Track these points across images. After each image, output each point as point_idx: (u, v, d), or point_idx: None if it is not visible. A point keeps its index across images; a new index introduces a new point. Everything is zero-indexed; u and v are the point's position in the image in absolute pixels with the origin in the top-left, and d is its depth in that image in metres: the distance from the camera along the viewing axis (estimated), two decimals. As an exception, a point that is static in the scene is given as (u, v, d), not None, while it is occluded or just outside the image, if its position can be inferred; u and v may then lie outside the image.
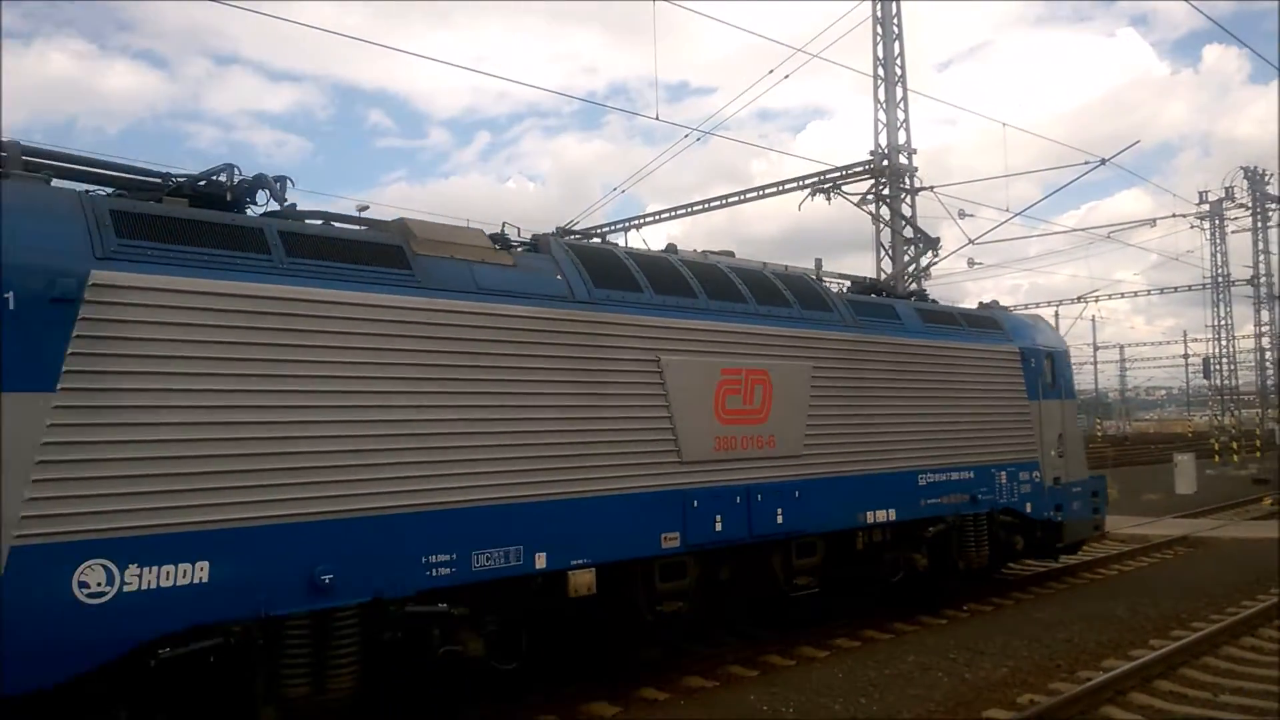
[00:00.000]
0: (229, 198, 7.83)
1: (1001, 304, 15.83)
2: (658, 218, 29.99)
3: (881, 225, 24.26)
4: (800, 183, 25.75)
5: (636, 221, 29.89)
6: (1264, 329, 50.21)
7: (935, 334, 12.95)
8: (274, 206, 8.09)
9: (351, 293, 7.38)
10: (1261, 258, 50.42)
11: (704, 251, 11.65)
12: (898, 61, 23.88)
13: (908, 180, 24.01)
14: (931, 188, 23.96)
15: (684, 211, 29.56)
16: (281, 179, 8.17)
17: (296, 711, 6.85)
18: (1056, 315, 47.78)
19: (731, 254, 11.89)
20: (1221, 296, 49.76)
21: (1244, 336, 55.05)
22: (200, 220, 7.04)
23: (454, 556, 7.65)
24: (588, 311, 8.94)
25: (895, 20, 23.92)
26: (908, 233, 23.80)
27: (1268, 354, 53.00)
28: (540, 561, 8.20)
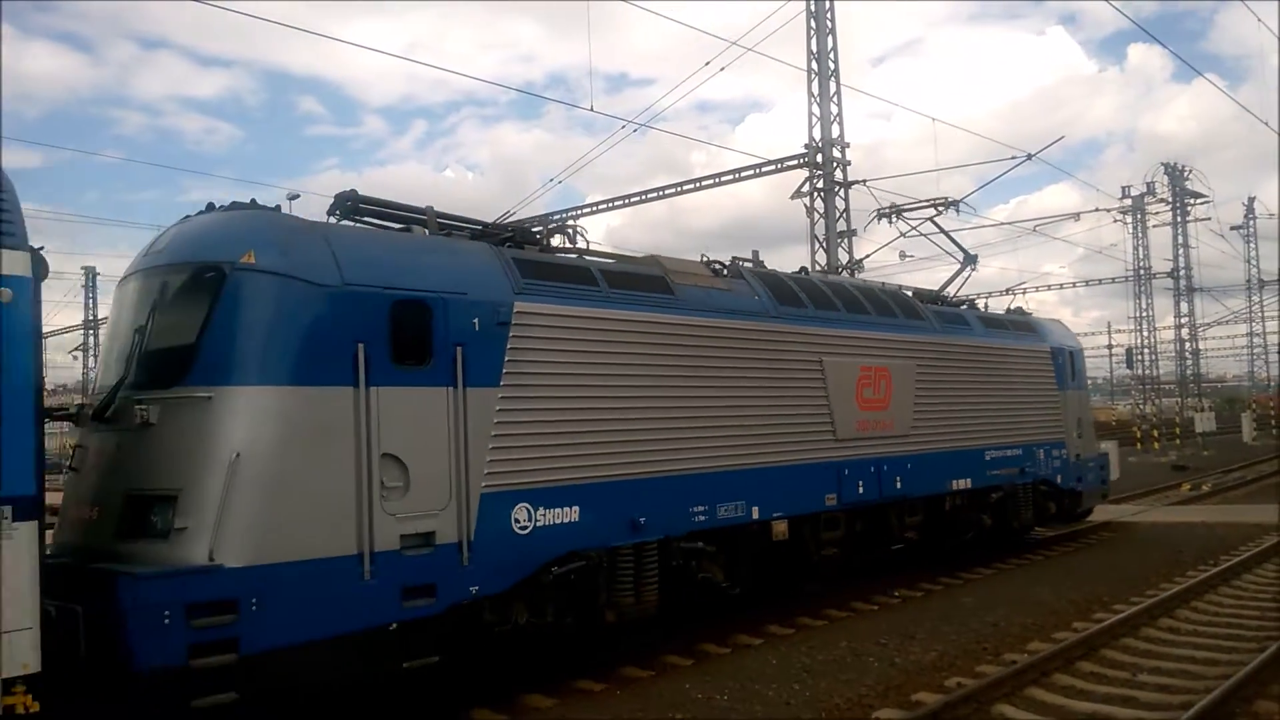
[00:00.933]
0: (542, 241, 10.32)
1: (1025, 309, 18.93)
2: (595, 209, 29.96)
3: (816, 218, 24.54)
4: (736, 175, 25.99)
5: (574, 212, 29.83)
6: (1183, 320, 51.92)
7: (993, 336, 15.99)
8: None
9: (644, 313, 10.05)
10: (1181, 251, 52.10)
11: (822, 270, 14.57)
12: (831, 56, 24.14)
13: (841, 174, 24.30)
14: (864, 181, 24.28)
15: (621, 203, 29.58)
16: (574, 228, 10.85)
17: (624, 614, 9.64)
18: (986, 307, 48.66)
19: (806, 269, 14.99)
20: (1143, 289, 51.32)
21: (1165, 328, 56.87)
22: (560, 263, 9.85)
23: (707, 508, 10.38)
24: (775, 324, 11.66)
25: (829, 16, 24.18)
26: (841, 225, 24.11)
27: (1186, 344, 54.78)
28: (755, 513, 10.98)
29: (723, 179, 26.28)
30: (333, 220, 9.00)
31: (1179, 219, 51.54)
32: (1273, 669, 8.83)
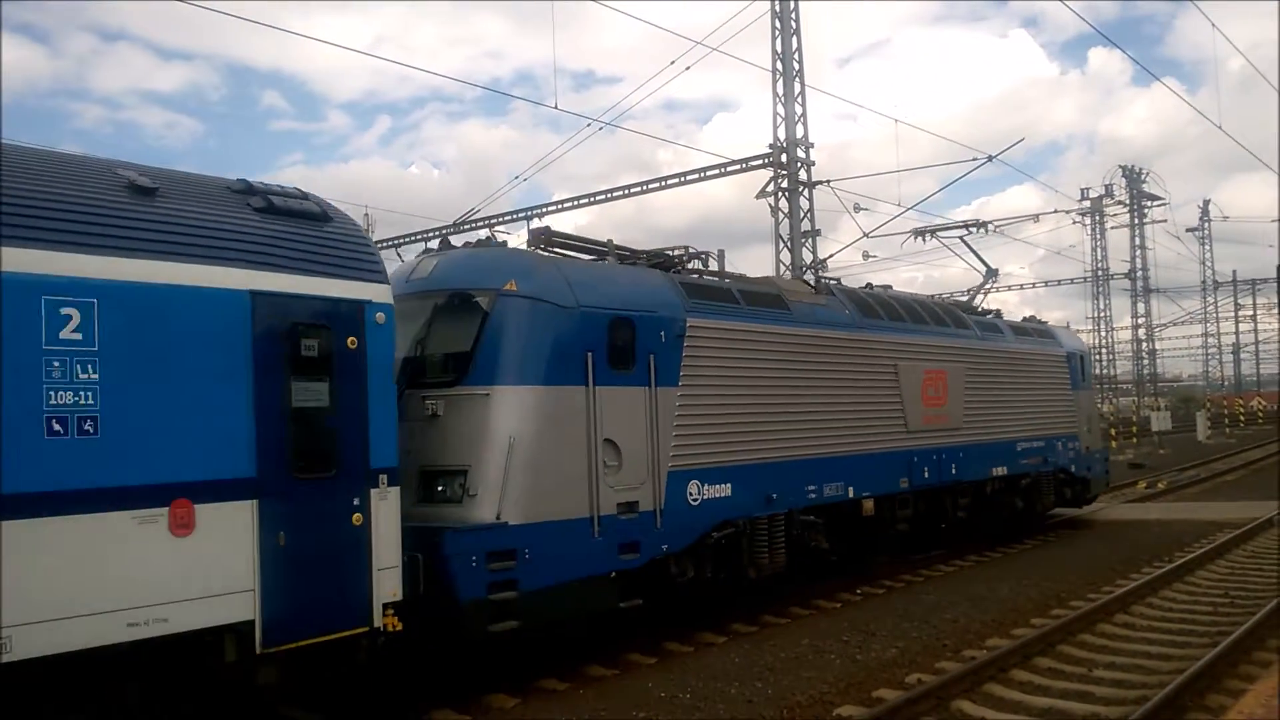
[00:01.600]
0: (677, 266, 12.14)
1: (1041, 319, 20.87)
2: (560, 207, 29.87)
3: (781, 217, 24.66)
4: (701, 174, 26.05)
5: (539, 210, 29.72)
6: (1140, 321, 52.78)
7: (1021, 342, 18.29)
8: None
9: (770, 325, 12.13)
10: (1138, 253, 52.98)
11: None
12: (795, 56, 24.25)
13: (805, 173, 24.43)
14: (828, 181, 24.45)
15: (587, 200, 29.53)
16: (706, 254, 12.94)
17: (761, 570, 11.62)
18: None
19: (890, 286, 16.99)
20: (1101, 290, 52.12)
21: (1122, 328, 57.84)
22: (714, 285, 12.02)
23: (817, 487, 12.46)
24: (860, 333, 13.78)
25: (793, 16, 24.30)
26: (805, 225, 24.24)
27: (1143, 344, 55.69)
28: (850, 492, 13.01)
29: (688, 178, 26.33)
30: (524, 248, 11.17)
31: (1136, 221, 52.40)
32: (1224, 663, 9.00)
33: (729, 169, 25.27)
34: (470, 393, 9.10)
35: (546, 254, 10.89)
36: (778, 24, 24.40)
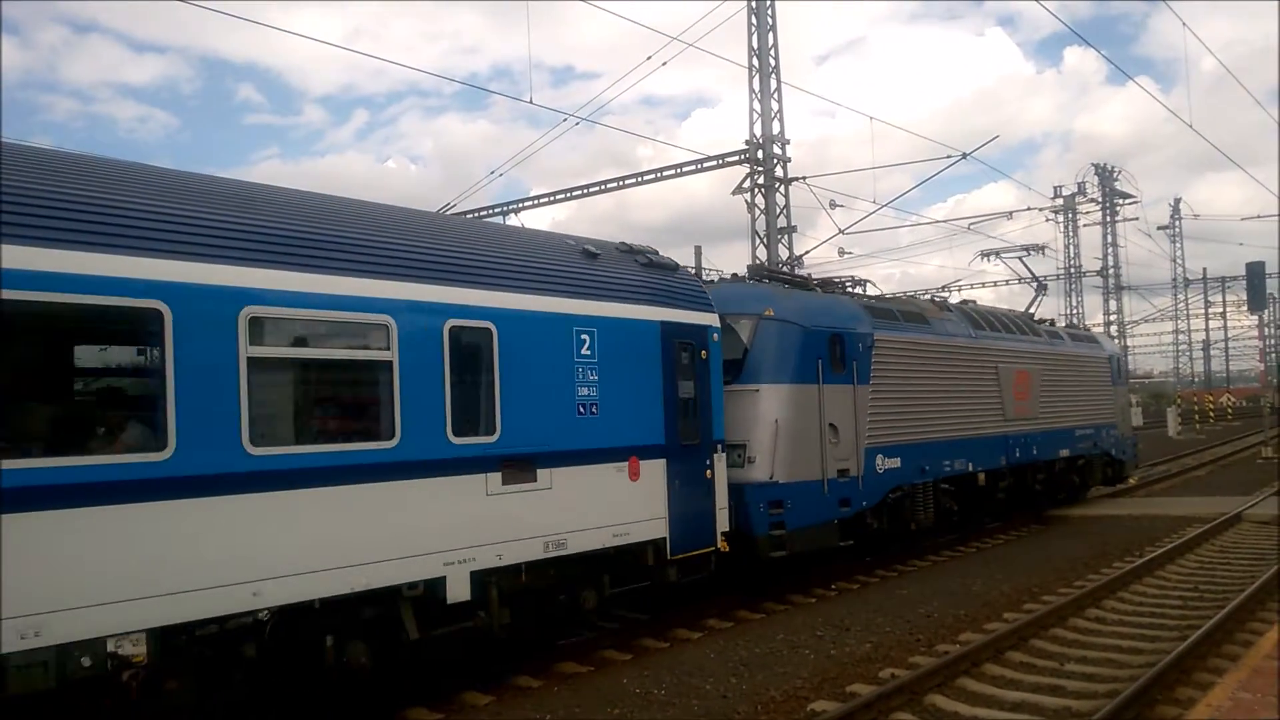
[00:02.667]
0: (840, 289, 15.82)
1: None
2: (537, 202, 29.78)
3: (757, 213, 24.68)
4: (678, 170, 26.03)
5: (516, 205, 29.61)
6: (1112, 317, 53.26)
7: (1076, 346, 21.84)
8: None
9: (919, 336, 15.69)
10: (1110, 250, 53.45)
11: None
12: (771, 53, 24.26)
13: (781, 170, 24.45)
14: (803, 178, 24.50)
15: (564, 196, 29.45)
16: (860, 281, 16.58)
17: (920, 525, 15.26)
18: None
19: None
20: (1074, 286, 52.52)
21: (1094, 324, 58.25)
22: (885, 306, 15.57)
23: (949, 462, 16.00)
24: (975, 342, 17.40)
25: (769, 13, 24.29)
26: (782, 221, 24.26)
27: (1115, 340, 56.17)
28: (970, 467, 16.57)
29: (664, 174, 26.32)
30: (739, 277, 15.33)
31: (1108, 219, 52.86)
32: (1193, 657, 9.09)
33: (706, 165, 25.28)
34: (744, 389, 12.63)
35: (780, 286, 14.85)
36: (754, 21, 24.41)
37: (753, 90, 24.32)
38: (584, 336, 9.78)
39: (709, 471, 11.22)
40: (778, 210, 24.61)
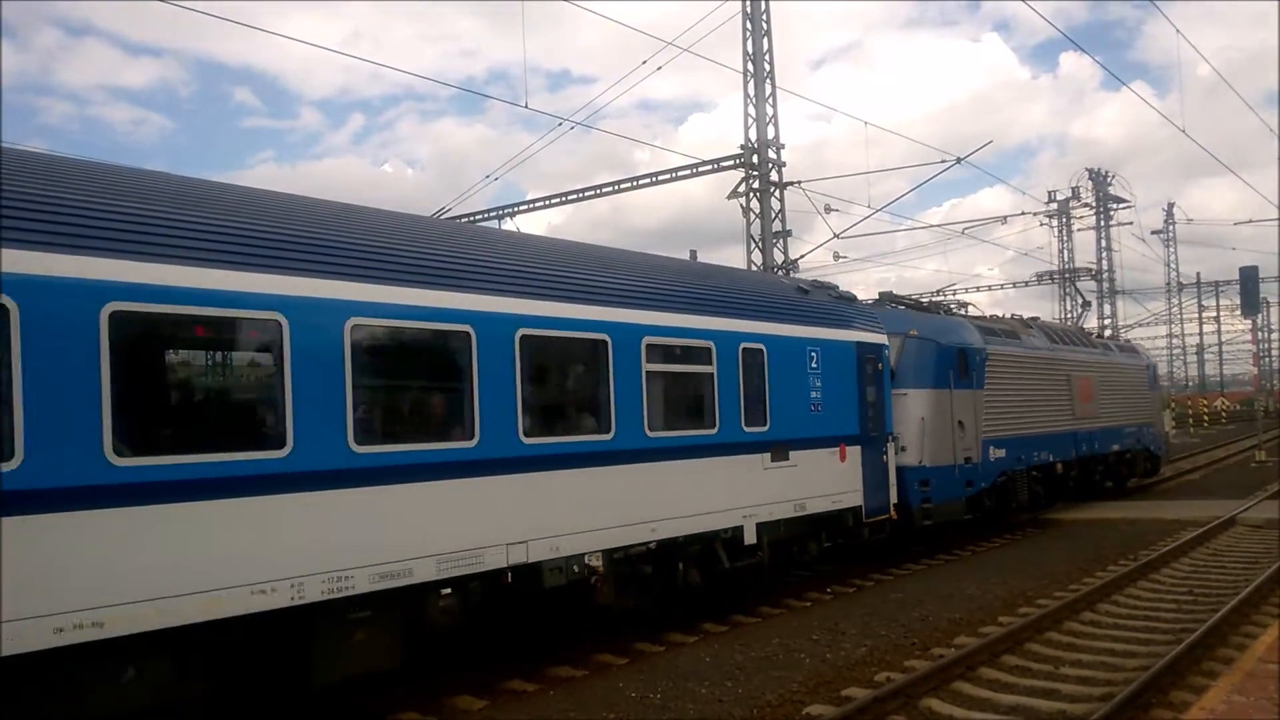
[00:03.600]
0: (942, 311, 19.13)
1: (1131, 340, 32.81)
2: (531, 206, 29.75)
3: (752, 218, 24.70)
4: (673, 174, 26.04)
5: (512, 209, 29.58)
6: (1106, 322, 53.35)
7: (1122, 356, 26.03)
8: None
9: (1013, 348, 19.16)
10: (1104, 254, 53.57)
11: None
12: (766, 58, 24.29)
13: (776, 174, 24.47)
14: (799, 182, 24.52)
15: (558, 200, 29.44)
16: (964, 304, 20.85)
17: (1019, 504, 18.86)
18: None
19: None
20: (1068, 291, 52.59)
21: (1089, 329, 58.27)
22: (990, 325, 19.16)
23: (1037, 454, 19.29)
24: (1052, 353, 21.08)
25: (764, 18, 24.33)
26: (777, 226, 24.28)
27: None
28: (1050, 458, 19.95)
29: (659, 178, 26.32)
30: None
31: (1102, 223, 53.00)
32: (1187, 660, 9.10)
33: (701, 169, 25.29)
34: (896, 393, 15.43)
35: (908, 310, 18.23)
36: (749, 26, 24.45)
37: (748, 95, 24.37)
38: (812, 354, 13.21)
39: (885, 456, 14.68)
40: (773, 214, 24.63)
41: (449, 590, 8.55)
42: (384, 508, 7.91)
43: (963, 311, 19.87)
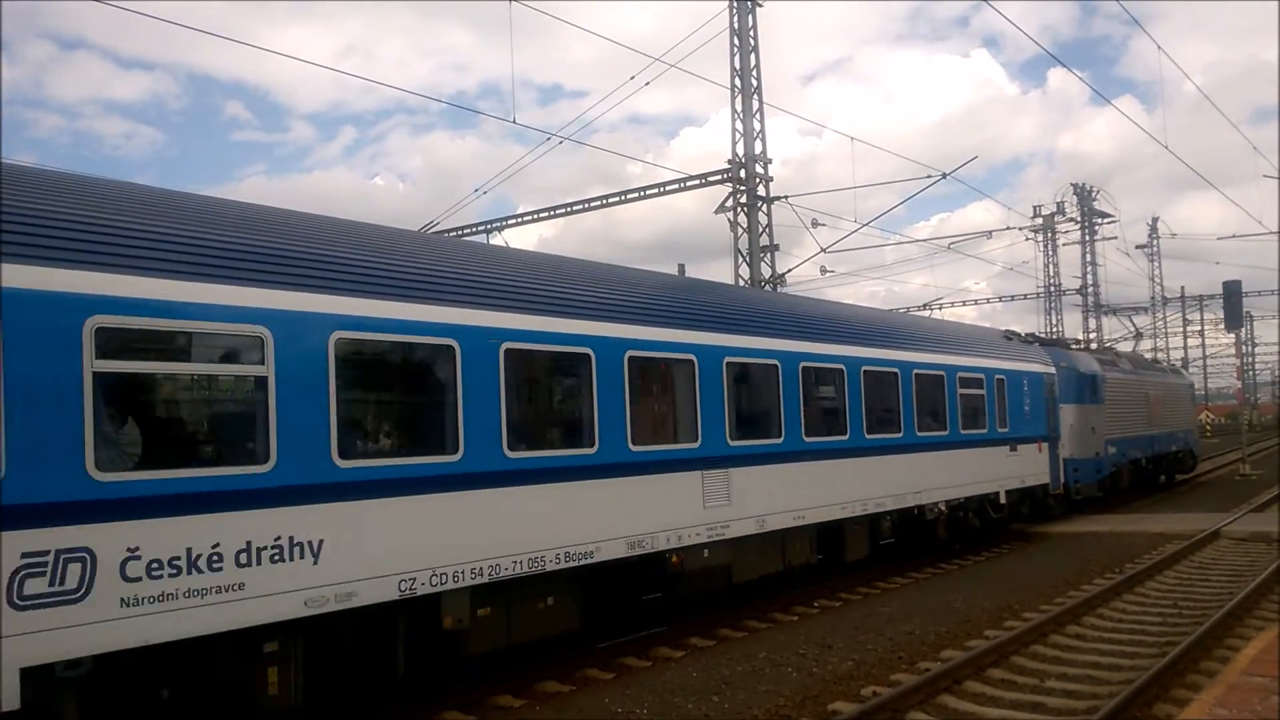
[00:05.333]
0: (1072, 346, 27.69)
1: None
2: (520, 220, 29.81)
3: (740, 232, 24.79)
4: (662, 189, 26.13)
5: (502, 223, 29.62)
6: (1091, 335, 53.61)
7: (1172, 376, 34.46)
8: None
9: (1119, 374, 27.09)
10: (1089, 269, 53.90)
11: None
12: (754, 73, 24.43)
13: (763, 189, 24.58)
14: (786, 197, 24.64)
15: (547, 214, 29.50)
16: (1079, 340, 33.55)
17: (1122, 489, 26.41)
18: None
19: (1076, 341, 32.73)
20: (1054, 305, 52.89)
21: (1075, 343, 58.52)
22: (1101, 357, 27.43)
23: (1133, 451, 27.09)
24: (1136, 377, 28.77)
25: (752, 33, 24.48)
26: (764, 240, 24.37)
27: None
28: (1139, 455, 27.77)
29: (648, 192, 26.41)
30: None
31: (1087, 238, 53.35)
32: (1172, 673, 9.15)
33: (689, 184, 25.39)
34: (1060, 407, 21.68)
35: (1047, 347, 23.26)
36: (735, 41, 24.59)
37: (735, 110, 24.49)
38: (1024, 382, 19.59)
39: (1057, 450, 21.00)
40: (760, 229, 24.74)
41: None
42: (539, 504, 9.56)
43: (1077, 346, 28.06)
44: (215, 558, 6.85)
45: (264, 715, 7.42)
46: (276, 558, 7.25)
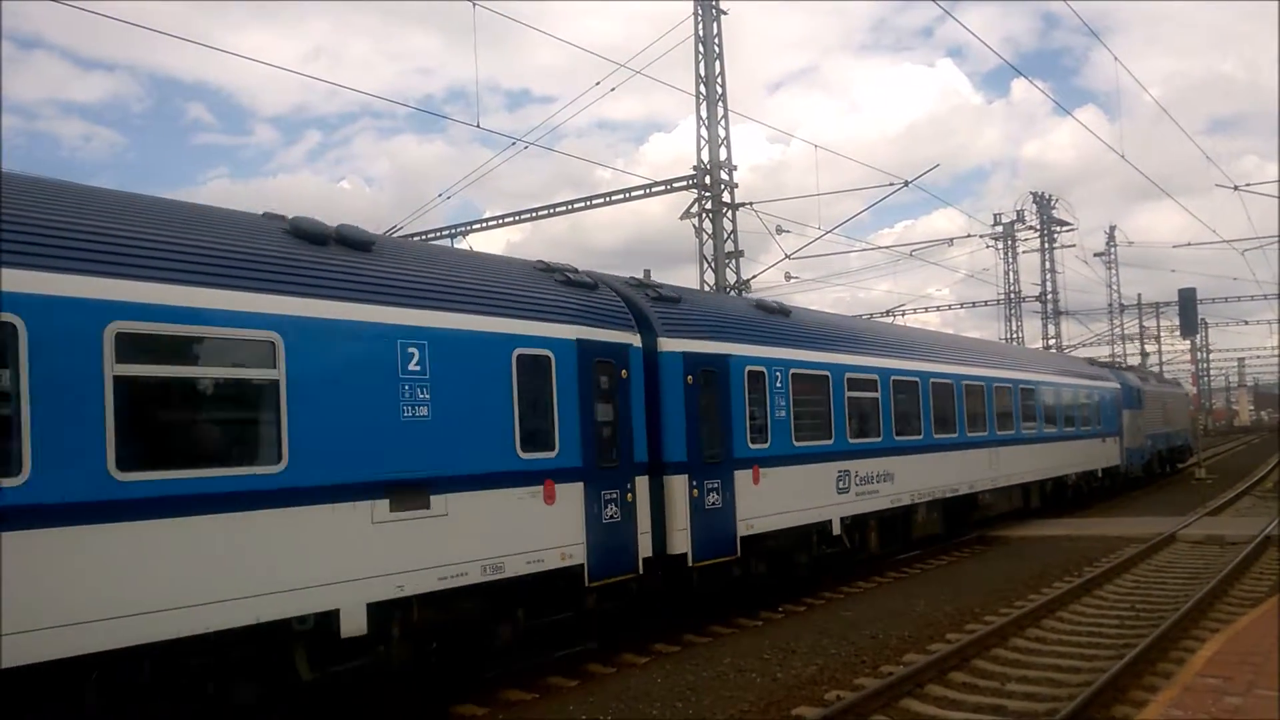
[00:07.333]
0: (1122, 366, 40.91)
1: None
2: (486, 225, 29.71)
3: (705, 238, 24.87)
4: (627, 194, 26.16)
5: (467, 228, 29.50)
6: (1050, 341, 54.34)
7: (1174, 388, 45.67)
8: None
9: (1146, 386, 35.82)
10: (1048, 276, 54.63)
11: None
12: (719, 81, 24.53)
13: (728, 195, 24.68)
14: (750, 204, 24.76)
15: (512, 219, 29.42)
16: (1117, 363, 46.08)
17: (1151, 474, 35.72)
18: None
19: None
20: (1014, 311, 53.54)
21: (1034, 348, 59.25)
22: (1138, 374, 39.10)
23: (1153, 444, 35.36)
24: (1153, 388, 37.32)
25: (716, 41, 24.59)
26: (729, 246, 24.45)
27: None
28: (1160, 448, 37.28)
29: (613, 198, 26.44)
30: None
31: (1046, 246, 54.08)
32: (1129, 675, 9.27)
33: (654, 189, 25.45)
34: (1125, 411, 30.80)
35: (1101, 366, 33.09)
36: (700, 49, 24.69)
37: (700, 117, 24.58)
38: (1108, 395, 28.59)
39: (1119, 440, 28.41)
40: (725, 235, 24.83)
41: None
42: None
43: (1115, 365, 37.37)
44: None
45: None
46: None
